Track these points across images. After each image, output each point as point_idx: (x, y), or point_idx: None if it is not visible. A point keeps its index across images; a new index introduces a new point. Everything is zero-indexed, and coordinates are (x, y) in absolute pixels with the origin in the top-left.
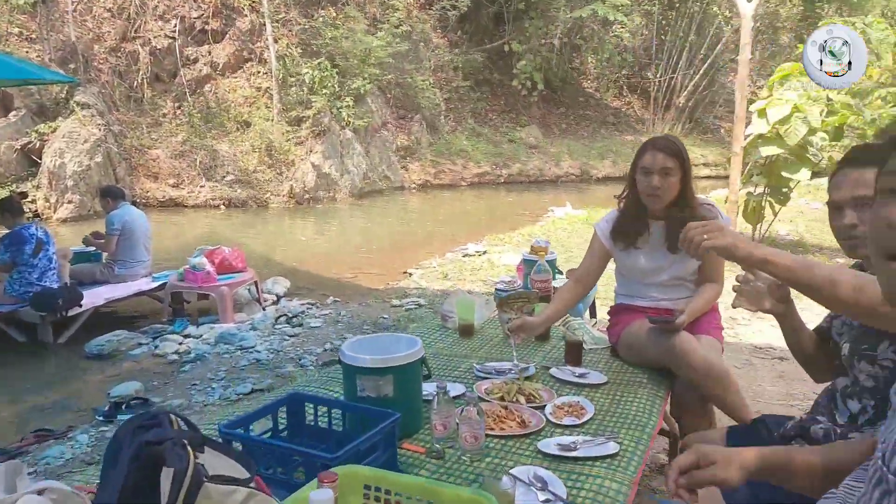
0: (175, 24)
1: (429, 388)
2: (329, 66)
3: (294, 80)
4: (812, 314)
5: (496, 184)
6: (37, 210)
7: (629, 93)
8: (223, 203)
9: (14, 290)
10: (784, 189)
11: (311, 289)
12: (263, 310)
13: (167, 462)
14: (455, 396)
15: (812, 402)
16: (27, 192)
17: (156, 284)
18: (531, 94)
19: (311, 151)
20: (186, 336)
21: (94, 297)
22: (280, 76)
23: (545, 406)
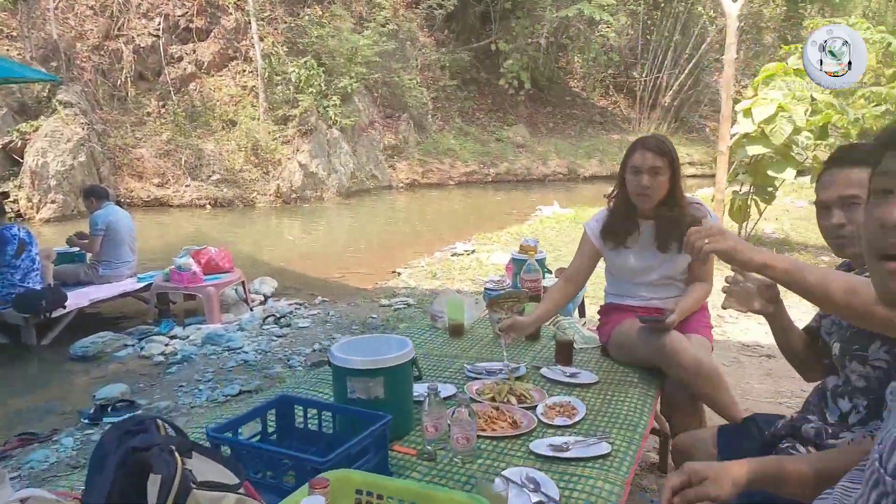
0: (159, 22)
1: (419, 390)
2: (315, 65)
3: (280, 79)
4: (799, 312)
5: (484, 183)
6: (19, 210)
7: (615, 92)
8: (209, 203)
9: None
10: (769, 188)
11: (299, 289)
12: (251, 310)
13: (154, 468)
14: (446, 397)
15: (800, 400)
16: (9, 192)
17: (141, 285)
18: (518, 94)
19: (298, 150)
20: (173, 337)
21: (79, 299)
22: (266, 75)
23: (536, 406)
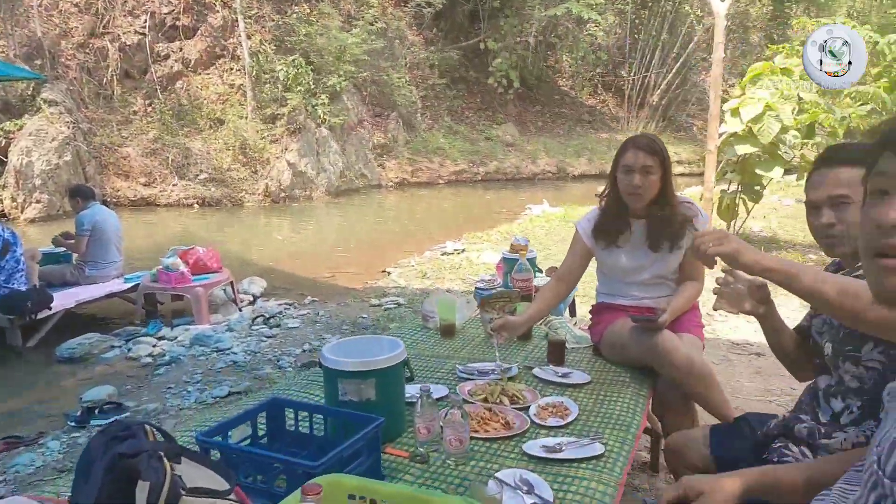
0: (145, 20)
1: (411, 391)
2: (304, 63)
3: (268, 77)
4: (788, 310)
5: (473, 181)
6: (3, 210)
7: (604, 91)
8: (196, 202)
9: None
10: (756, 186)
11: (289, 289)
12: (240, 310)
13: (142, 475)
14: (438, 398)
15: (790, 398)
16: None
17: (128, 286)
18: (507, 92)
19: (287, 149)
20: (160, 338)
21: (65, 300)
22: (253, 73)
23: (529, 407)
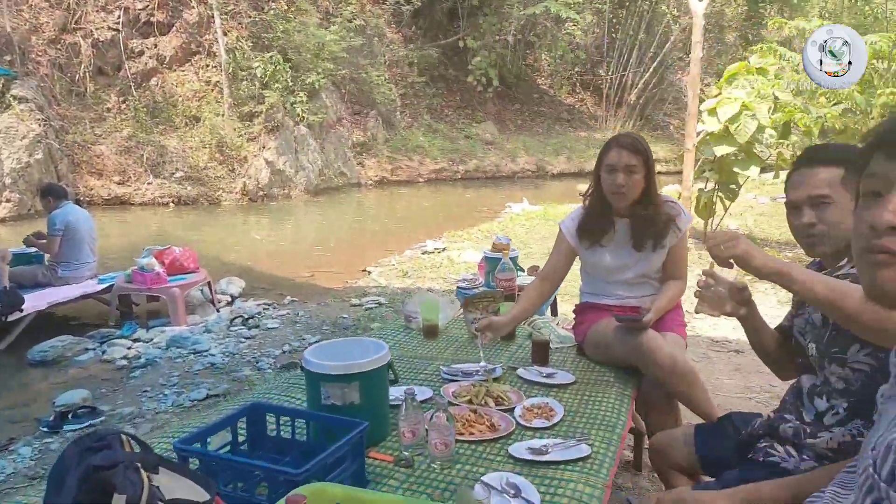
0: (118, 16)
1: (395, 393)
2: (281, 60)
3: (245, 74)
4: (766, 307)
5: (453, 180)
6: None
7: (582, 90)
8: (172, 201)
9: None
10: (732, 185)
11: (268, 289)
12: (217, 311)
13: (118, 488)
14: (422, 401)
15: (769, 395)
16: None
17: (102, 287)
18: (486, 91)
19: (265, 147)
20: (136, 340)
21: (37, 301)
22: (230, 70)
23: (514, 408)
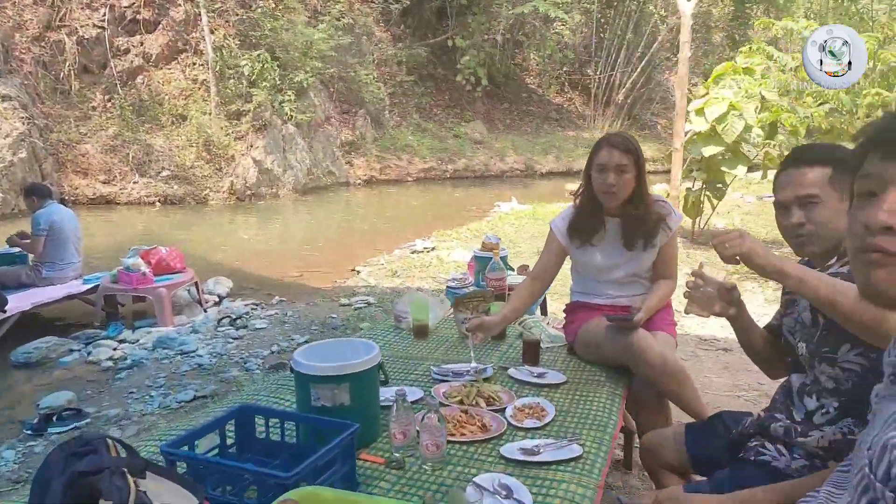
0: (104, 13)
1: (385, 394)
2: (269, 59)
3: (232, 73)
4: (754, 305)
5: (442, 179)
6: None
7: (570, 89)
8: (158, 200)
9: None
10: (719, 184)
11: (256, 289)
12: (205, 312)
13: (104, 494)
14: (413, 401)
15: (757, 393)
16: None
17: (87, 287)
18: (475, 90)
19: (252, 146)
20: (121, 341)
21: (20, 302)
22: (217, 68)
23: (505, 409)
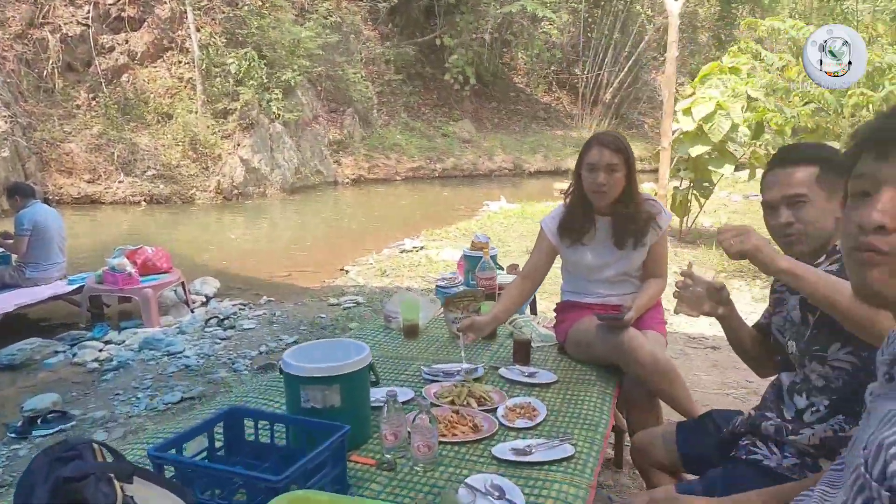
0: (88, 10)
1: (376, 395)
2: (256, 57)
3: (219, 71)
4: (741, 303)
5: (431, 178)
6: None
7: (558, 88)
8: (144, 199)
9: None
10: (706, 183)
11: (243, 289)
12: (192, 312)
13: (90, 501)
14: (404, 402)
15: (745, 390)
16: None
17: (72, 288)
18: (463, 89)
19: (239, 145)
20: (107, 342)
21: (4, 303)
22: (203, 66)
23: (497, 409)
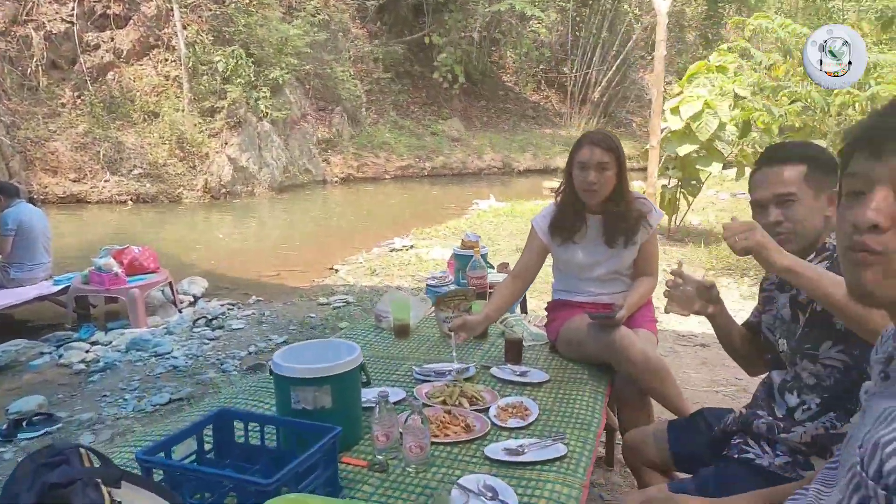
0: (73, 7)
1: (367, 395)
2: (243, 55)
3: (206, 69)
4: (729, 301)
5: (420, 177)
6: None
7: (547, 87)
8: (130, 198)
9: None
10: (693, 181)
11: (232, 288)
12: (180, 312)
13: None
14: (396, 402)
15: (735, 388)
16: None
17: (58, 288)
18: (452, 87)
19: (227, 144)
20: (94, 343)
21: None
22: (190, 64)
23: (489, 408)
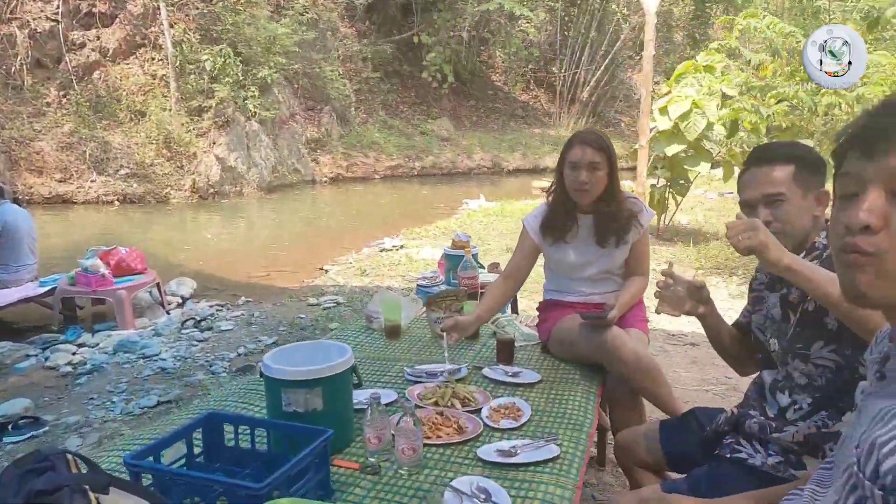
0: (58, 6)
1: (359, 397)
2: (231, 54)
3: (193, 68)
4: (718, 300)
5: (409, 176)
6: None
7: (536, 87)
8: (117, 199)
9: None
10: (682, 181)
11: (220, 289)
12: (168, 314)
13: None
14: (387, 403)
15: (725, 387)
16: None
17: (44, 290)
18: (441, 87)
19: (215, 143)
20: (81, 345)
21: None
22: (177, 63)
23: (481, 409)
